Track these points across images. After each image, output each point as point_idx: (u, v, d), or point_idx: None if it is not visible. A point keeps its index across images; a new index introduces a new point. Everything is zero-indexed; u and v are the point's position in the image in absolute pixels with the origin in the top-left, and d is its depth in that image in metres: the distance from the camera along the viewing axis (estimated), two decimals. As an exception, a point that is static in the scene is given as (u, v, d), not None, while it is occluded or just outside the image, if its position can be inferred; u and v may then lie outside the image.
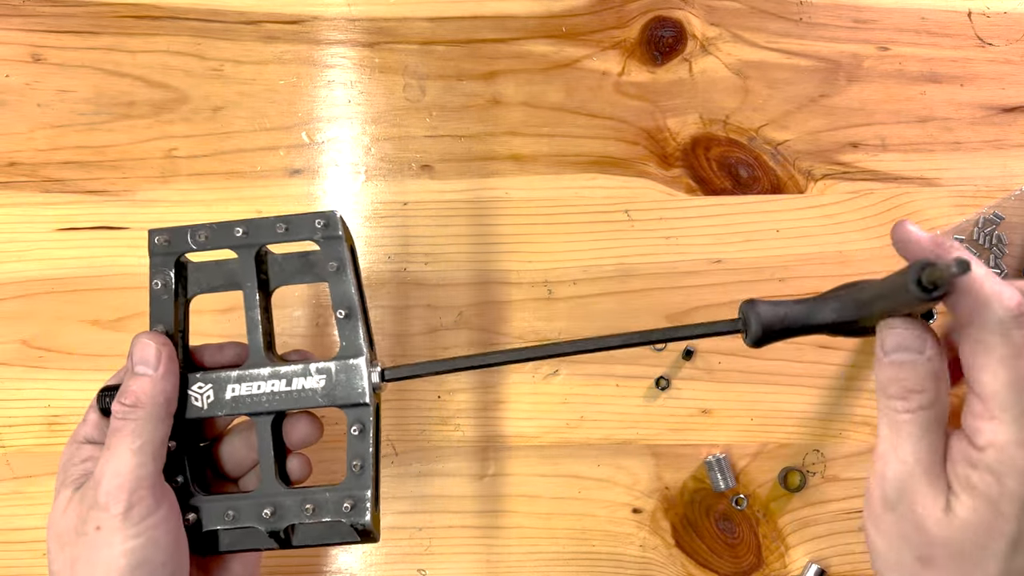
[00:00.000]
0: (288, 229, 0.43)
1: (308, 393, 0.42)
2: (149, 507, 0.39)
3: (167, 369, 0.41)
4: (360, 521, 0.41)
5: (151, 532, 0.38)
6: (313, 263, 0.45)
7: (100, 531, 0.38)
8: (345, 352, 0.42)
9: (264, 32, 0.57)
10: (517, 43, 0.58)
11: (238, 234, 0.43)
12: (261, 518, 0.41)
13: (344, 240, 0.43)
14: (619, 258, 0.57)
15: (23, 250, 0.56)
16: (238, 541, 0.43)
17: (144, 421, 0.40)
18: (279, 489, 0.42)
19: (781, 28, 0.58)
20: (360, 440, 0.42)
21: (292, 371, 0.42)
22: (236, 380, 0.43)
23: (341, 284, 0.43)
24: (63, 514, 0.40)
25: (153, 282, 0.44)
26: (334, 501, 0.41)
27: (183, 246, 0.44)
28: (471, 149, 0.57)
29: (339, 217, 0.43)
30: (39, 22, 0.57)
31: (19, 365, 0.56)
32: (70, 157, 0.56)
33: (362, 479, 0.41)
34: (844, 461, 0.56)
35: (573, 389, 0.56)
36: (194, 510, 0.42)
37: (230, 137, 0.57)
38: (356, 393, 0.42)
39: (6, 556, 0.55)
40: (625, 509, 0.56)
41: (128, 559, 0.38)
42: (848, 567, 0.56)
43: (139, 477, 0.39)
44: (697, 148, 0.57)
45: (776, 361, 0.56)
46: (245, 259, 0.44)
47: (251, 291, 0.44)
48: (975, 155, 0.58)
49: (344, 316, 0.43)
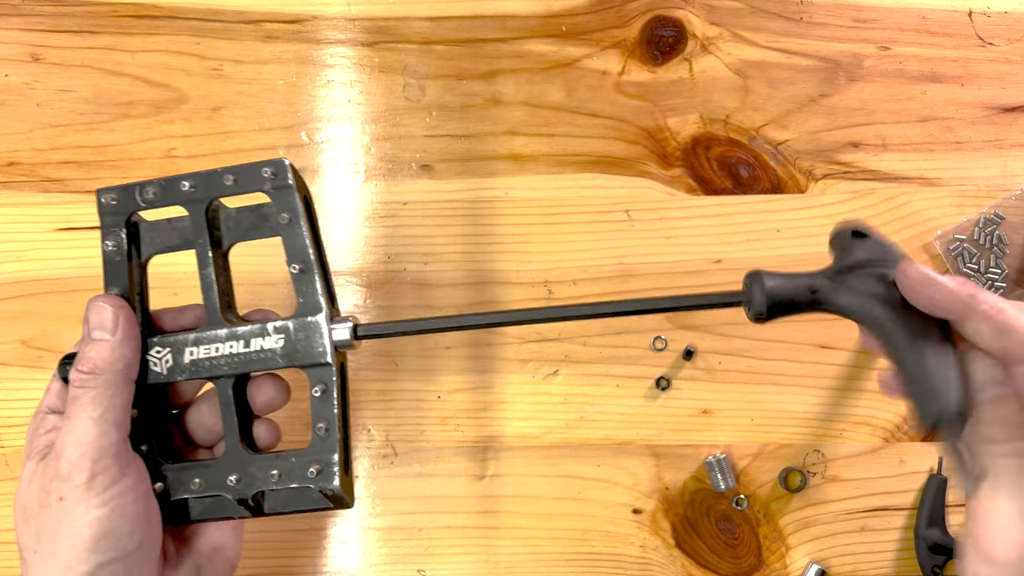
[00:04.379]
0: (237, 181, 0.41)
1: (267, 354, 0.40)
2: (113, 476, 0.38)
3: (126, 334, 0.40)
4: (328, 486, 0.39)
5: (116, 501, 0.37)
6: (267, 216, 0.42)
7: (63, 502, 0.37)
8: (303, 310, 0.40)
9: (264, 32, 0.57)
10: (517, 43, 0.58)
11: (185, 188, 0.41)
12: (227, 485, 0.40)
13: (295, 189, 0.41)
14: (619, 258, 0.56)
15: (22, 250, 0.56)
16: (209, 510, 0.42)
17: (103, 388, 0.38)
18: (245, 455, 0.41)
19: (781, 28, 0.58)
20: (323, 402, 0.40)
21: (249, 331, 0.41)
22: (194, 343, 0.41)
23: (294, 237, 0.41)
24: (28, 486, 0.39)
25: (105, 243, 0.42)
26: (300, 466, 0.40)
27: (132, 204, 0.42)
28: (471, 149, 0.57)
29: (288, 165, 0.41)
30: (38, 22, 0.57)
31: (18, 365, 0.55)
32: (69, 157, 0.56)
33: (328, 442, 0.40)
34: (844, 461, 0.56)
35: (573, 389, 0.56)
36: (162, 479, 0.41)
37: (229, 137, 0.57)
38: (316, 352, 0.40)
39: (5, 556, 0.55)
40: (625, 509, 0.56)
41: (93, 529, 0.37)
42: (849, 567, 0.56)
43: (101, 446, 0.38)
44: (697, 148, 0.57)
45: (776, 361, 0.56)
46: (196, 215, 0.41)
47: (203, 248, 0.41)
48: (976, 155, 0.58)
49: (299, 271, 0.41)
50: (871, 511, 0.56)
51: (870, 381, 0.56)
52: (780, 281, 0.37)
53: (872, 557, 0.56)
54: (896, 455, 0.56)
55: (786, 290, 0.37)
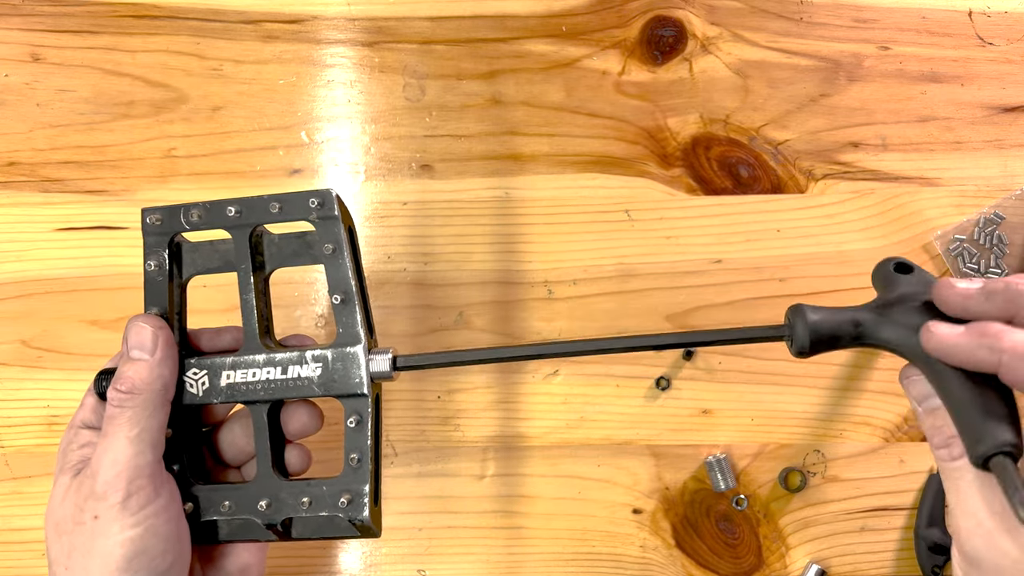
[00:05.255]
0: (282, 209, 0.41)
1: (304, 382, 0.41)
2: (148, 496, 0.38)
3: (164, 354, 0.40)
4: (358, 516, 0.40)
5: (150, 521, 0.38)
6: (311, 243, 0.43)
7: (98, 520, 0.37)
8: (342, 339, 0.41)
9: (264, 32, 0.57)
10: (517, 42, 0.58)
11: (231, 213, 0.41)
12: (257, 510, 0.41)
13: (340, 220, 0.41)
14: (619, 258, 0.56)
15: (22, 250, 0.56)
16: (237, 531, 0.42)
17: (141, 408, 0.39)
18: (276, 481, 0.41)
19: (781, 27, 0.58)
20: (358, 432, 0.40)
21: (287, 358, 0.41)
22: (231, 366, 0.41)
23: (337, 267, 0.41)
24: (61, 502, 0.39)
25: (147, 263, 0.42)
26: (331, 495, 0.40)
27: (176, 226, 0.42)
28: (471, 149, 0.57)
29: (335, 196, 0.41)
30: (38, 22, 0.57)
31: (18, 365, 0.55)
32: (69, 157, 0.56)
33: (360, 473, 0.40)
34: (844, 461, 0.56)
35: (573, 389, 0.56)
36: (192, 499, 0.41)
37: (229, 137, 0.57)
38: (353, 383, 0.40)
39: (5, 556, 0.55)
40: (625, 510, 0.56)
41: (125, 548, 0.37)
42: (848, 567, 0.56)
43: (137, 466, 0.38)
44: (697, 148, 0.57)
45: (776, 361, 0.56)
46: (239, 240, 0.42)
47: (245, 273, 0.42)
48: (976, 155, 0.58)
49: (340, 301, 0.41)
50: (871, 511, 0.56)
51: (870, 381, 0.56)
52: (823, 315, 0.37)
53: (872, 557, 0.56)
54: (896, 455, 0.56)
55: (829, 325, 0.36)
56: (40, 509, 0.55)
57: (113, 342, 0.55)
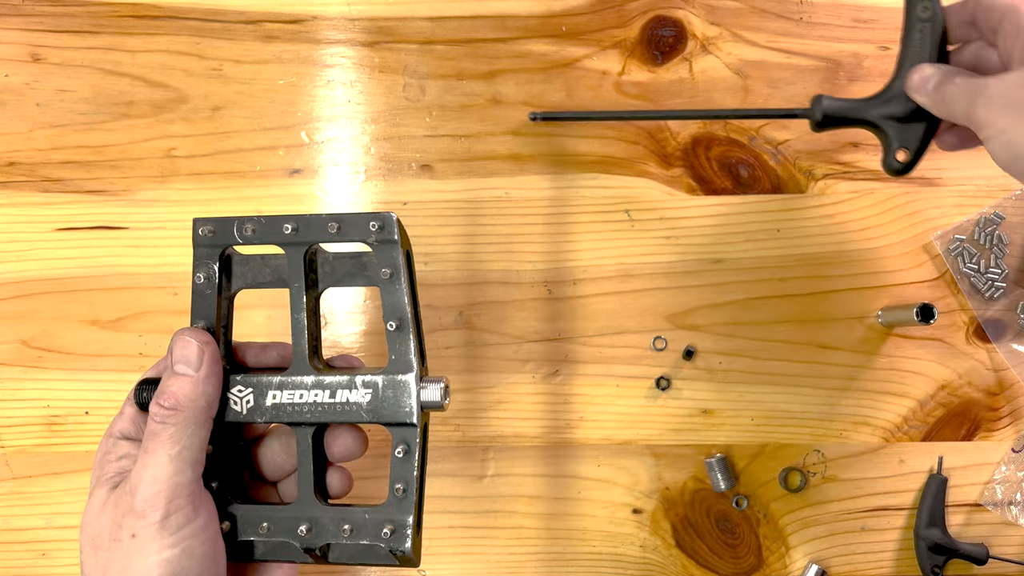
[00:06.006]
0: (340, 229, 0.40)
1: (352, 407, 0.40)
2: (187, 516, 0.37)
3: (209, 371, 0.39)
4: (400, 548, 0.39)
5: (188, 541, 0.37)
6: (366, 265, 0.42)
7: (136, 539, 0.37)
8: (394, 367, 0.40)
9: (264, 32, 0.57)
10: (517, 42, 0.58)
11: (287, 231, 0.40)
12: (297, 534, 0.40)
13: (399, 245, 0.40)
14: (619, 258, 0.56)
15: (22, 250, 0.56)
16: (273, 552, 0.41)
17: (183, 426, 0.38)
18: (317, 505, 0.40)
19: (781, 27, 0.58)
20: (404, 462, 0.39)
21: (337, 382, 0.40)
22: (278, 387, 0.40)
23: (394, 293, 0.40)
24: (98, 516, 0.38)
25: (196, 275, 0.41)
26: (373, 524, 0.39)
27: (229, 239, 0.41)
28: (471, 149, 0.57)
29: (396, 220, 0.40)
30: (38, 22, 0.57)
31: (18, 365, 0.55)
32: (69, 157, 0.56)
33: (404, 504, 0.39)
34: (844, 461, 0.56)
35: (573, 389, 0.56)
36: (230, 518, 0.40)
37: (229, 137, 0.57)
38: (403, 412, 0.39)
39: (5, 556, 0.55)
40: (625, 509, 0.56)
41: (163, 569, 0.37)
42: (848, 567, 0.56)
43: (177, 484, 0.37)
44: (697, 148, 0.57)
45: (776, 361, 0.56)
46: (294, 258, 0.41)
47: (298, 292, 0.41)
48: (976, 155, 0.58)
49: (395, 328, 0.40)
50: (871, 511, 0.56)
51: (870, 381, 0.56)
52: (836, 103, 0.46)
53: (872, 557, 0.56)
54: (896, 455, 0.56)
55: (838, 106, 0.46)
56: (40, 509, 0.55)
57: (113, 342, 0.55)
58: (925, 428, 0.56)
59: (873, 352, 0.56)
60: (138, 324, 0.56)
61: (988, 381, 0.57)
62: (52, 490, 0.55)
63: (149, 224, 0.56)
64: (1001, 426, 0.57)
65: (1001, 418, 0.57)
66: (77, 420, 0.55)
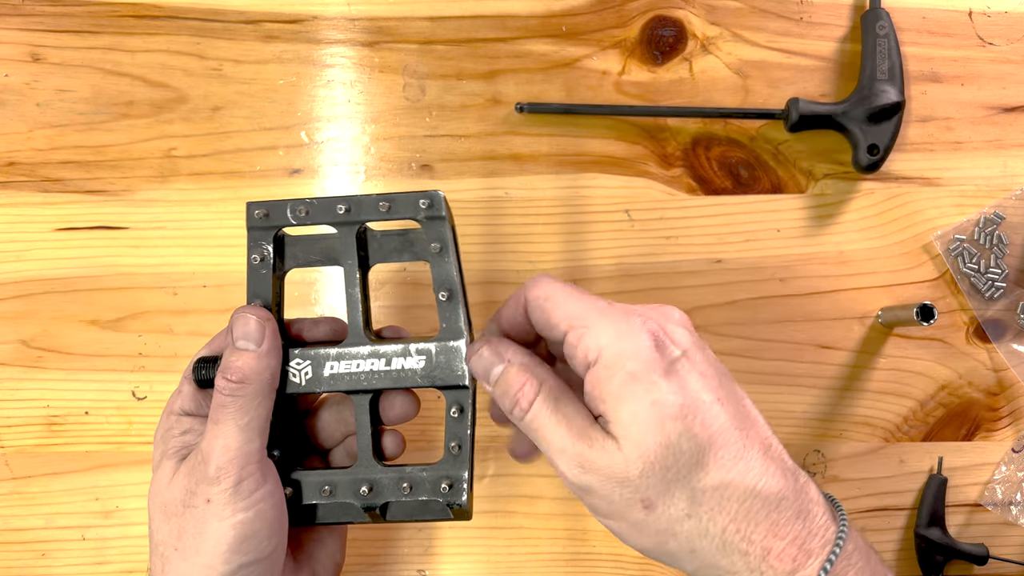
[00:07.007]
0: (391, 208, 0.43)
1: (408, 373, 0.42)
2: (257, 481, 0.39)
3: (271, 345, 0.41)
4: (457, 501, 0.41)
5: (259, 506, 0.39)
6: (412, 241, 0.44)
7: (211, 503, 0.39)
8: (445, 334, 0.43)
9: (264, 32, 0.57)
10: (517, 42, 0.58)
11: (340, 211, 0.43)
12: (358, 495, 0.42)
13: (447, 221, 0.43)
14: (619, 258, 0.56)
15: (22, 250, 0.56)
16: (333, 513, 0.44)
17: (251, 398, 0.40)
18: (376, 467, 0.43)
19: (781, 27, 0.58)
20: (459, 422, 0.42)
21: (392, 351, 0.43)
22: (335, 358, 0.43)
23: (443, 265, 0.43)
24: (168, 486, 0.40)
25: (252, 256, 0.44)
26: (431, 481, 0.42)
27: (282, 220, 0.43)
28: (471, 149, 0.57)
29: (443, 197, 0.43)
30: (38, 22, 0.57)
31: (18, 365, 0.55)
32: (69, 157, 0.56)
33: (460, 460, 0.42)
34: (844, 461, 0.56)
35: (573, 389, 0.56)
36: (292, 484, 0.43)
37: (229, 137, 0.57)
38: (456, 375, 0.42)
39: (5, 556, 0.55)
40: (625, 509, 0.56)
41: (236, 531, 0.38)
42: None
43: (247, 452, 0.39)
44: (697, 148, 0.57)
45: (776, 361, 0.56)
46: (346, 236, 0.44)
47: (351, 269, 0.44)
48: (976, 155, 0.58)
49: (446, 298, 0.43)
50: (871, 511, 0.56)
51: (870, 381, 0.56)
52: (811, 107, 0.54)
53: (872, 557, 0.56)
54: (896, 455, 0.56)
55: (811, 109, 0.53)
56: (39, 509, 0.55)
57: (113, 342, 0.55)
58: (925, 428, 0.56)
59: (873, 352, 0.56)
60: (138, 324, 0.56)
61: (988, 381, 0.57)
62: (52, 490, 0.55)
63: (149, 224, 0.56)
64: (1001, 426, 0.57)
65: (1001, 418, 0.57)
66: (77, 420, 0.55)
